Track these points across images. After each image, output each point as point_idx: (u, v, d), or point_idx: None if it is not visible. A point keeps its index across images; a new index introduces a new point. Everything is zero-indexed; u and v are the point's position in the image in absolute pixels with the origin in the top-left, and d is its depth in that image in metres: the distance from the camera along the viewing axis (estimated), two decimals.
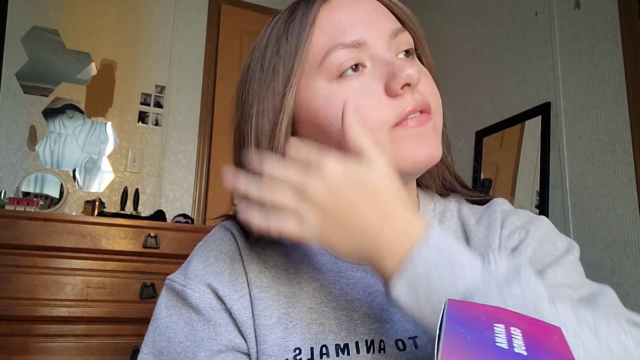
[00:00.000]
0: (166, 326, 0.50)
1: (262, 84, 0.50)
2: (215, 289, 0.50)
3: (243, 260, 0.52)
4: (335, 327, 0.49)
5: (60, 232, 1.85)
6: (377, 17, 0.50)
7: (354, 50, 0.47)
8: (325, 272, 0.52)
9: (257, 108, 0.50)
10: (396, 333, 0.49)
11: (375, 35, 0.48)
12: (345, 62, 0.47)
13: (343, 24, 0.48)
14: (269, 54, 0.51)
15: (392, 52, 0.49)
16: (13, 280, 1.78)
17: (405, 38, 0.50)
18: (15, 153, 2.35)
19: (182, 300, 0.51)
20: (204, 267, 0.52)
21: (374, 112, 0.46)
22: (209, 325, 0.48)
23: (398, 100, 0.46)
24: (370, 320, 0.50)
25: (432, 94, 0.50)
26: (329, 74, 0.48)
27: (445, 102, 0.55)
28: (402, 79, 0.45)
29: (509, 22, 1.99)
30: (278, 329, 0.49)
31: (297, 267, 0.53)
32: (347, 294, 0.51)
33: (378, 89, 0.47)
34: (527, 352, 0.24)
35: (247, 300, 0.50)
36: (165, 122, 2.65)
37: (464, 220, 0.56)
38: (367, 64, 0.48)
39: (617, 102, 1.50)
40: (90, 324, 1.84)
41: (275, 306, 0.50)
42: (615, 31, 1.53)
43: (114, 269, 1.91)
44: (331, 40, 0.48)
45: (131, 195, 2.46)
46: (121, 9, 2.65)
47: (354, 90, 0.47)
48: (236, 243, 0.54)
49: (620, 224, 1.45)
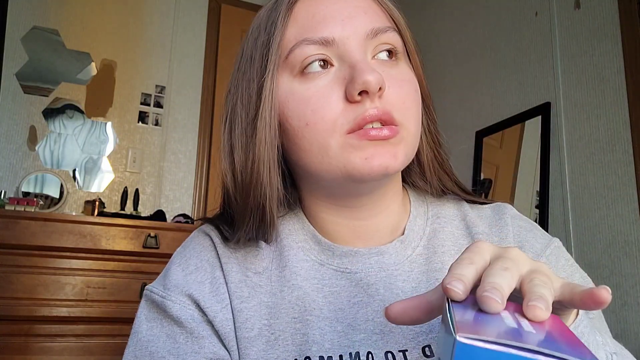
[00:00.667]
0: (147, 340, 0.47)
1: (242, 72, 0.50)
2: (196, 300, 0.48)
3: (223, 268, 0.50)
4: (318, 338, 0.47)
5: (60, 232, 1.85)
6: (356, 14, 0.46)
7: (321, 48, 0.45)
8: (309, 279, 0.50)
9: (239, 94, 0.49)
10: (386, 345, 0.46)
11: (349, 33, 0.45)
12: (308, 59, 0.45)
13: (316, 18, 0.46)
14: (250, 42, 0.50)
15: (366, 52, 0.46)
16: (13, 280, 1.78)
17: (387, 38, 0.47)
18: (15, 153, 2.35)
19: (162, 312, 0.48)
20: (184, 277, 0.49)
21: (328, 114, 0.44)
22: (192, 338, 0.46)
23: (356, 106, 0.44)
24: (355, 332, 0.47)
25: (402, 101, 0.46)
26: (292, 69, 0.46)
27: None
28: (358, 85, 0.42)
29: (509, 22, 1.99)
30: (260, 341, 0.47)
31: (279, 275, 0.50)
32: (331, 302, 0.48)
33: (338, 92, 0.44)
34: (535, 330, 0.24)
35: (229, 311, 0.48)
36: (165, 122, 2.65)
37: (471, 223, 0.54)
38: (335, 64, 0.46)
39: (617, 102, 1.50)
40: (90, 324, 1.84)
41: (256, 317, 0.48)
42: (615, 31, 1.53)
43: (114, 269, 1.91)
44: (300, 34, 0.46)
45: (131, 195, 2.46)
46: (121, 9, 2.65)
47: (314, 90, 0.45)
48: (215, 250, 0.51)
49: (620, 224, 1.45)
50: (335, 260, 0.50)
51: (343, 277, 0.50)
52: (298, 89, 0.46)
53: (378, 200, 0.50)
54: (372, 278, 0.49)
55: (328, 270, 0.50)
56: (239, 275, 0.50)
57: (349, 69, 0.44)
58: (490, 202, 0.57)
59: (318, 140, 0.45)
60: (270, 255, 0.51)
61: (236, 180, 0.49)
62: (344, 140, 0.44)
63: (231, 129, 0.50)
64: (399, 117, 0.45)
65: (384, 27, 0.47)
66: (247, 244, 0.51)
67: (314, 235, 0.52)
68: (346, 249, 0.50)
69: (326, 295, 0.49)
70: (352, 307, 0.48)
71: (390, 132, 0.44)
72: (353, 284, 0.49)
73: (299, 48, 0.45)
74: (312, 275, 0.50)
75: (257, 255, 0.51)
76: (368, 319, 0.48)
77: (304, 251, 0.51)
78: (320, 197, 0.51)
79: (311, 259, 0.51)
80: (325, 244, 0.51)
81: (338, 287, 0.49)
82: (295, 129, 0.46)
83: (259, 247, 0.52)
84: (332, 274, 0.50)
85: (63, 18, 2.52)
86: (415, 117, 0.47)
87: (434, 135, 0.54)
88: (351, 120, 0.44)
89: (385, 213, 0.52)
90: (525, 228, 0.54)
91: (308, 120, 0.45)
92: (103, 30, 2.59)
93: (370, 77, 0.42)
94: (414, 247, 0.52)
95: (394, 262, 0.50)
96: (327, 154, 0.45)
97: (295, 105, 0.46)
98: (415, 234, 0.53)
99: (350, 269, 0.50)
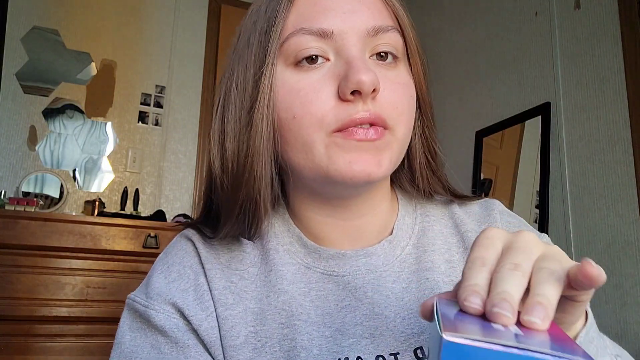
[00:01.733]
0: (131, 351, 0.45)
1: (238, 56, 0.48)
2: (180, 309, 0.46)
3: (206, 275, 0.48)
4: (307, 343, 0.45)
5: (60, 232, 1.85)
6: (359, 9, 0.44)
7: (318, 40, 0.43)
8: (295, 282, 0.48)
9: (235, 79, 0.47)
10: (376, 349, 0.45)
11: (349, 28, 0.43)
12: (304, 51, 0.43)
13: (317, 7, 0.44)
14: (248, 24, 0.48)
15: (365, 50, 0.44)
16: (13, 280, 1.78)
17: (388, 38, 0.45)
18: (15, 153, 2.35)
19: (145, 321, 0.46)
20: (167, 284, 0.47)
21: (316, 110, 0.42)
22: (177, 348, 0.45)
23: (347, 105, 0.42)
24: (344, 337, 0.46)
25: (395, 106, 0.44)
26: (286, 58, 0.44)
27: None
28: (351, 84, 0.41)
29: (509, 22, 1.99)
30: (246, 349, 0.45)
31: (264, 280, 0.48)
32: (318, 307, 0.47)
33: (331, 87, 0.43)
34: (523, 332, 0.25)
35: (213, 319, 0.46)
36: (165, 122, 2.65)
37: (459, 221, 0.53)
38: (331, 58, 0.44)
39: (617, 102, 1.50)
40: (90, 324, 1.83)
41: (242, 324, 0.46)
42: (615, 31, 1.53)
43: (114, 269, 1.91)
44: (299, 22, 0.44)
45: (131, 195, 2.46)
46: (121, 9, 2.65)
47: (306, 82, 0.43)
48: (198, 256, 0.49)
49: (620, 224, 1.45)
50: (322, 263, 0.49)
51: (330, 280, 0.48)
52: (290, 79, 0.44)
53: (366, 201, 0.49)
54: (359, 281, 0.48)
55: (315, 273, 0.49)
56: (223, 282, 0.48)
57: (344, 65, 0.43)
58: (478, 197, 0.56)
59: (303, 135, 0.43)
60: (255, 259, 0.50)
61: (225, 167, 0.47)
62: (329, 139, 0.43)
63: (224, 115, 0.48)
64: (390, 123, 0.43)
65: (386, 26, 0.45)
66: (231, 247, 0.50)
67: (300, 238, 0.50)
68: (333, 252, 0.49)
69: (313, 299, 0.47)
70: (340, 312, 0.47)
71: (377, 134, 0.42)
72: (340, 287, 0.48)
73: (295, 37, 0.43)
74: (299, 279, 0.48)
75: (241, 260, 0.50)
76: (357, 323, 0.46)
77: (289, 254, 0.50)
78: (307, 194, 0.49)
79: (297, 262, 0.49)
80: (312, 247, 0.49)
81: (325, 290, 0.48)
82: (282, 120, 0.44)
83: (243, 251, 0.50)
84: (318, 277, 0.48)
85: (63, 18, 2.52)
86: (406, 122, 0.46)
87: (430, 143, 0.52)
88: (339, 120, 0.42)
89: (373, 213, 0.50)
90: (514, 224, 0.54)
91: (295, 113, 0.43)
92: (103, 30, 2.59)
93: (365, 77, 0.40)
94: (403, 246, 0.51)
95: (382, 263, 0.49)
96: (311, 150, 0.43)
97: (284, 96, 0.44)
98: (404, 232, 0.52)
99: (337, 272, 0.48)
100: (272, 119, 0.45)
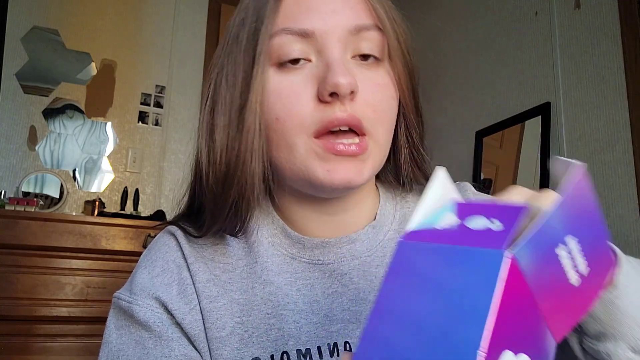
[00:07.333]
0: (118, 349, 0.46)
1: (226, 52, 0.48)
2: (164, 303, 0.46)
3: (190, 269, 0.48)
4: (295, 332, 0.46)
5: (60, 232, 1.85)
6: (341, 9, 0.44)
7: (299, 40, 0.44)
8: (281, 273, 0.49)
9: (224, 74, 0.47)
10: None
11: (330, 28, 0.43)
12: (286, 51, 0.44)
13: (301, 7, 0.44)
14: (237, 19, 0.48)
15: (345, 50, 0.44)
16: (13, 280, 1.78)
17: (370, 37, 0.45)
18: (15, 153, 2.35)
19: (130, 318, 0.46)
20: (150, 279, 0.48)
21: (297, 112, 0.43)
22: (161, 342, 0.45)
23: (325, 107, 0.42)
24: (331, 323, 0.47)
25: (373, 108, 0.44)
26: (270, 58, 0.44)
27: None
28: (329, 86, 0.41)
29: (509, 22, 1.99)
30: (233, 340, 0.46)
31: (249, 272, 0.49)
32: (305, 295, 0.48)
33: (311, 89, 0.43)
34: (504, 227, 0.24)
35: (197, 312, 0.47)
36: (165, 122, 2.65)
37: None
38: (312, 58, 0.44)
39: (617, 102, 1.50)
40: (90, 324, 1.83)
41: (228, 316, 0.46)
42: (615, 31, 1.53)
43: (114, 269, 1.91)
44: (283, 22, 0.44)
45: (131, 195, 2.46)
46: (121, 9, 2.65)
47: (287, 84, 0.44)
48: (181, 250, 0.50)
49: (620, 224, 1.45)
50: (307, 253, 0.49)
51: (316, 269, 0.49)
52: (272, 79, 0.44)
53: (351, 199, 0.50)
54: (345, 267, 0.49)
55: (300, 263, 0.49)
56: (207, 275, 0.48)
57: (324, 67, 0.43)
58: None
59: (286, 137, 0.44)
60: (239, 252, 0.50)
61: (212, 160, 0.46)
62: (310, 144, 0.43)
63: (213, 109, 0.47)
64: (367, 125, 0.44)
65: (367, 25, 0.45)
66: (214, 241, 0.50)
67: (284, 229, 0.50)
68: (317, 241, 0.49)
69: (300, 288, 0.48)
70: (327, 298, 0.48)
71: (359, 149, 0.43)
72: (326, 275, 0.49)
73: (278, 37, 0.44)
74: (284, 270, 0.49)
75: (225, 253, 0.50)
76: (344, 309, 0.48)
77: (274, 246, 0.50)
78: (290, 191, 0.50)
79: (282, 253, 0.50)
80: (296, 237, 0.50)
81: (311, 279, 0.49)
82: (267, 121, 0.45)
83: (226, 244, 0.50)
84: (304, 266, 0.49)
85: (63, 18, 2.52)
86: (386, 125, 0.46)
87: (418, 149, 0.51)
88: (318, 122, 0.42)
89: (358, 208, 0.51)
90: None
91: (278, 114, 0.44)
92: (103, 30, 2.59)
93: (343, 79, 0.41)
94: (385, 231, 0.52)
95: (366, 249, 0.50)
96: (293, 153, 0.44)
97: (267, 96, 0.44)
98: (385, 218, 0.53)
99: (322, 260, 0.49)
100: (263, 118, 0.45)
